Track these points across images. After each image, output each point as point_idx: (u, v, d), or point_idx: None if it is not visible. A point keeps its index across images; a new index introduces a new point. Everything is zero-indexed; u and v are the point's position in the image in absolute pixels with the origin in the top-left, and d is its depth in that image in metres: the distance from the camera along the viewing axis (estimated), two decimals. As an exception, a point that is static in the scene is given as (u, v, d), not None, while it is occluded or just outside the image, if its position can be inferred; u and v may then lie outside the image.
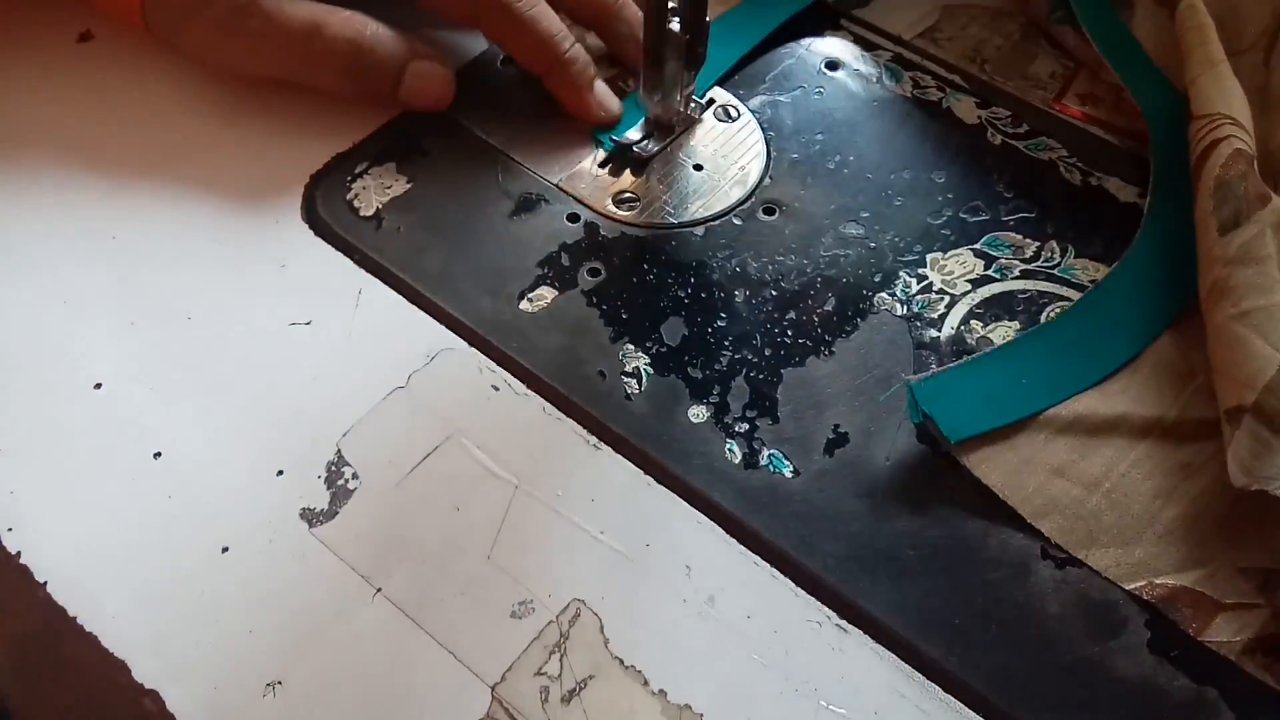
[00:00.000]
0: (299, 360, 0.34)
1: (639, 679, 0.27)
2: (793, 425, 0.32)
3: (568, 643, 0.28)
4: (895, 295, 0.36)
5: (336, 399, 0.33)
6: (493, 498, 0.31)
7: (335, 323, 0.34)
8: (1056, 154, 0.40)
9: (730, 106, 0.42)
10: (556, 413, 0.33)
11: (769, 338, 0.35)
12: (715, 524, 0.30)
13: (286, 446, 0.31)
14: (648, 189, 0.39)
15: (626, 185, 0.39)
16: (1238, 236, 0.31)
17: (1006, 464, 0.31)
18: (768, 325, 0.35)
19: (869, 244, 0.37)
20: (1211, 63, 0.36)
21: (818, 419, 0.33)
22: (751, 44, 0.42)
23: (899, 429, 0.32)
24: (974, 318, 0.36)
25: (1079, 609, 0.29)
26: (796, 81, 0.43)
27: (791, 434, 0.32)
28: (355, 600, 0.29)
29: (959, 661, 0.28)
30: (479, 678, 0.27)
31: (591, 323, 0.35)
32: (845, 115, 0.42)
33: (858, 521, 0.31)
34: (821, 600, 0.29)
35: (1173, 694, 0.28)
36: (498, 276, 0.36)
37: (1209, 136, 0.34)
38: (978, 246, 0.38)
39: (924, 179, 0.40)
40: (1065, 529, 0.30)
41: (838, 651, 0.28)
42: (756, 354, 0.34)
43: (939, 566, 0.30)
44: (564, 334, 0.35)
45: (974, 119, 0.42)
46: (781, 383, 0.34)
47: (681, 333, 0.35)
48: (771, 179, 0.39)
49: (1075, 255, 0.37)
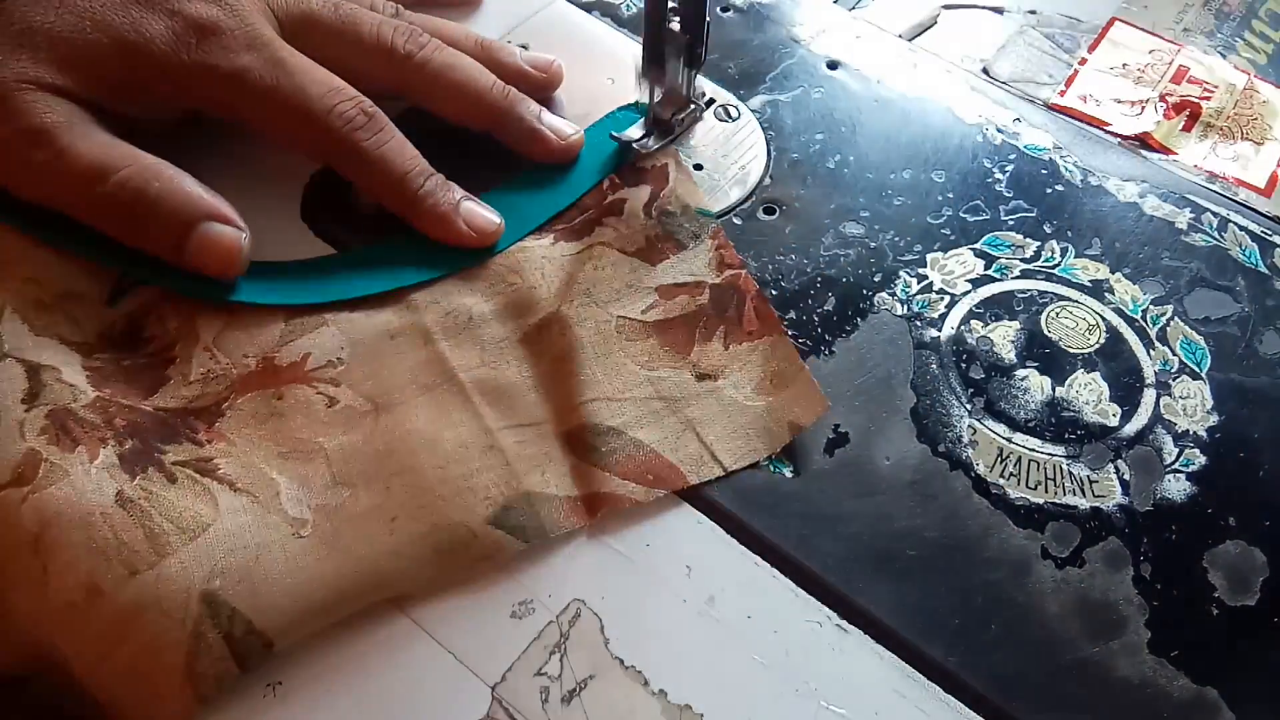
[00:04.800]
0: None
1: (639, 679, 0.27)
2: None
3: (568, 643, 0.28)
4: (895, 295, 0.36)
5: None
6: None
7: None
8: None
9: (730, 106, 0.42)
10: (556, 413, 0.33)
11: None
12: (715, 524, 0.30)
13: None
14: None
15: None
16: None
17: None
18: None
19: (869, 244, 0.37)
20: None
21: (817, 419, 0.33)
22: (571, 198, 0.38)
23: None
24: (974, 317, 0.36)
25: (1079, 609, 0.29)
26: (796, 81, 0.43)
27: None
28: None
29: (959, 661, 0.28)
30: (479, 678, 0.27)
31: (591, 323, 0.35)
32: (845, 115, 0.42)
33: (858, 521, 0.31)
34: (821, 600, 0.29)
35: (1173, 694, 0.28)
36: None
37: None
38: (978, 246, 0.38)
39: (924, 179, 0.40)
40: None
41: (838, 651, 0.28)
42: (756, 354, 0.34)
43: (939, 566, 0.30)
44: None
45: (974, 119, 0.42)
46: (781, 383, 0.34)
47: (681, 333, 0.35)
48: (771, 179, 0.39)
49: (1075, 255, 0.37)
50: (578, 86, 0.41)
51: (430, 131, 0.36)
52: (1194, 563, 0.30)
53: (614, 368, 0.33)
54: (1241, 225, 0.39)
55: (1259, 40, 0.49)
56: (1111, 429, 0.33)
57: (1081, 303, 0.36)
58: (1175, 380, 0.34)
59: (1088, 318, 0.36)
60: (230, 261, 0.33)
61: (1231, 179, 0.42)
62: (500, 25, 0.44)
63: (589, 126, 0.40)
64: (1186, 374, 0.35)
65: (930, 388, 0.34)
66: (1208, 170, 0.42)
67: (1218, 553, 0.31)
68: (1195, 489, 0.32)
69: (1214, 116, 0.45)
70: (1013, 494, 0.31)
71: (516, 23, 0.44)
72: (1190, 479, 0.32)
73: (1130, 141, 0.43)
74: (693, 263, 0.36)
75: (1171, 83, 0.46)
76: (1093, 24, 0.48)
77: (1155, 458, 0.33)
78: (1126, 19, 0.49)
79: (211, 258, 0.32)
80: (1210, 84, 0.46)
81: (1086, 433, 0.33)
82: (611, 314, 0.34)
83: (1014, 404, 0.33)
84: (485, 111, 0.37)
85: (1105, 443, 0.33)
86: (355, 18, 0.36)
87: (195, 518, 0.28)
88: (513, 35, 0.43)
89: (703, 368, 0.33)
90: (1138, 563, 0.30)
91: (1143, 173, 0.41)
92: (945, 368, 0.34)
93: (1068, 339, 0.35)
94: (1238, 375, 0.35)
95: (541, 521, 0.29)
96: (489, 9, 0.45)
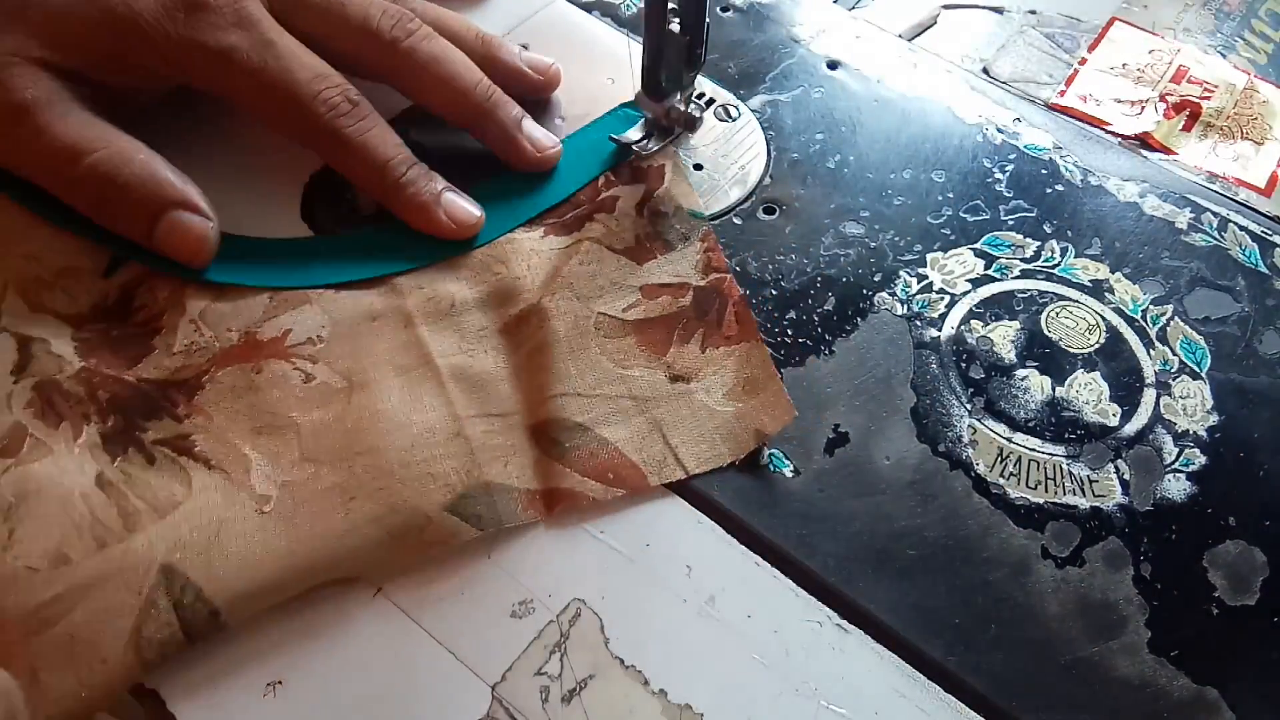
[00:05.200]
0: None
1: (639, 679, 0.27)
2: (793, 425, 0.32)
3: (568, 643, 0.28)
4: (895, 295, 0.36)
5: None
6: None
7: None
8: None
9: (730, 106, 0.42)
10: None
11: (769, 337, 0.35)
12: (715, 524, 0.30)
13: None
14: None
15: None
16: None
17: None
18: (768, 325, 0.35)
19: (869, 243, 0.37)
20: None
21: (818, 419, 0.33)
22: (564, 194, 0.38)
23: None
24: (974, 317, 0.36)
25: (1079, 609, 0.29)
26: (796, 81, 0.43)
27: (791, 434, 0.32)
28: (355, 600, 0.29)
29: (959, 661, 0.28)
30: (479, 678, 0.27)
31: (591, 322, 0.35)
32: (845, 115, 0.42)
33: (858, 521, 0.31)
34: (821, 600, 0.29)
35: (1173, 694, 0.28)
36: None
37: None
38: (978, 246, 0.38)
39: (924, 179, 0.40)
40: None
41: (838, 651, 0.28)
42: (756, 354, 0.34)
43: (939, 566, 0.30)
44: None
45: (974, 119, 0.42)
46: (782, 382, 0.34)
47: (681, 332, 0.35)
48: (771, 179, 0.39)
49: (1075, 255, 0.37)
50: (577, 86, 0.41)
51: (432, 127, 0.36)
52: (1194, 563, 0.30)
53: (588, 363, 0.33)
54: (1241, 225, 0.39)
55: (1259, 40, 0.49)
56: (1111, 429, 0.33)
57: (1081, 302, 0.36)
58: (1175, 380, 0.34)
59: (1088, 317, 0.36)
60: (196, 250, 0.33)
61: (1231, 179, 0.42)
62: (500, 24, 0.44)
63: (590, 123, 0.40)
64: (1186, 374, 0.35)
65: (930, 387, 0.34)
66: (1208, 170, 0.42)
67: (1218, 553, 0.31)
68: (1195, 489, 0.32)
69: (1214, 116, 0.45)
70: (1013, 494, 0.31)
71: (516, 22, 0.44)
72: (1190, 479, 0.32)
73: (1130, 141, 0.43)
74: (679, 263, 0.36)
75: (1171, 83, 0.46)
76: (1093, 24, 0.48)
77: (1155, 457, 0.33)
78: (1126, 19, 0.49)
79: (178, 245, 0.33)
80: (1210, 84, 0.46)
81: (1086, 432, 0.33)
82: (592, 310, 0.34)
83: (1014, 404, 0.33)
84: (466, 109, 0.37)
85: (1105, 442, 0.33)
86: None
87: (169, 497, 0.29)
88: (513, 34, 0.43)
89: (677, 369, 0.33)
90: (1138, 562, 0.30)
91: (1143, 173, 0.41)
92: (945, 367, 0.34)
93: (1068, 339, 0.35)
94: (1238, 375, 0.35)
95: (498, 511, 0.30)
96: (490, 8, 0.45)
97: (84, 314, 0.32)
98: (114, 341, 0.32)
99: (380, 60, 0.36)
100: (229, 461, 0.30)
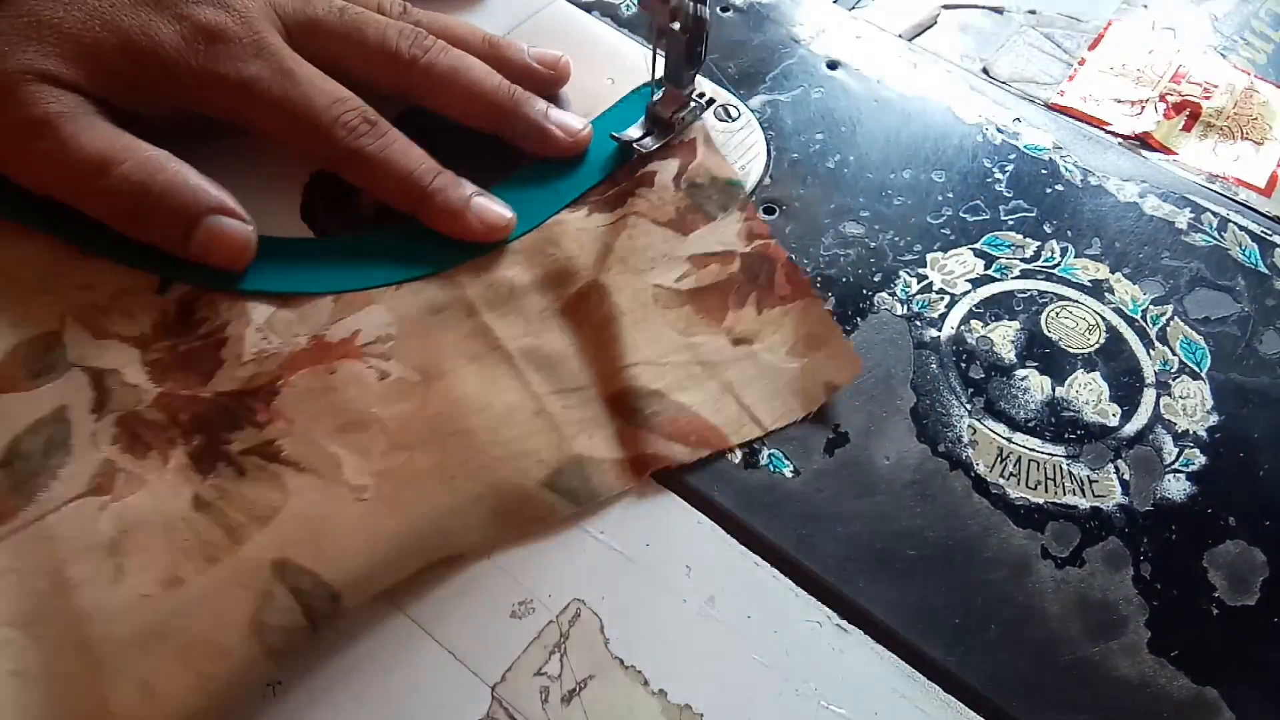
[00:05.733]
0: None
1: (639, 679, 0.27)
2: (793, 425, 0.32)
3: (568, 643, 0.28)
4: (895, 295, 0.36)
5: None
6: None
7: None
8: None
9: (730, 106, 0.42)
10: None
11: (769, 338, 0.35)
12: (715, 524, 0.30)
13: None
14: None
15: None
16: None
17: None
18: (768, 325, 0.35)
19: (869, 243, 0.37)
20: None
21: (818, 419, 0.33)
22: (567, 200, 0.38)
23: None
24: (974, 317, 0.36)
25: (1079, 609, 0.29)
26: (796, 81, 0.43)
27: (791, 434, 0.32)
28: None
29: (959, 661, 0.28)
30: (479, 678, 0.27)
31: (591, 323, 0.35)
32: (845, 115, 0.42)
33: (857, 521, 0.31)
34: (821, 600, 0.29)
35: (1172, 694, 0.28)
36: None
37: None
38: (978, 246, 0.38)
39: (924, 179, 0.40)
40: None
41: (838, 651, 0.28)
42: (756, 354, 0.34)
43: (939, 566, 0.30)
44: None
45: (974, 119, 0.42)
46: (781, 383, 0.34)
47: (681, 333, 0.35)
48: (771, 179, 0.39)
49: (1075, 255, 0.37)
50: (578, 86, 0.41)
51: (435, 129, 0.36)
52: (1194, 563, 0.30)
53: (653, 333, 0.33)
54: (1241, 225, 0.39)
55: (1259, 40, 0.49)
56: (1111, 429, 0.33)
57: (1081, 303, 0.36)
58: (1175, 380, 0.34)
59: (1088, 317, 0.36)
60: (238, 255, 0.33)
61: (1231, 179, 0.42)
62: (501, 25, 0.44)
63: (608, 109, 0.40)
64: (1186, 374, 0.35)
65: (930, 387, 0.34)
66: (1208, 170, 0.42)
67: (1217, 552, 0.31)
68: (1195, 489, 0.32)
69: (1214, 116, 0.45)
70: (1013, 494, 0.31)
71: (517, 22, 0.44)
72: (1190, 479, 0.32)
73: (1130, 141, 0.43)
74: (722, 233, 0.37)
75: (1171, 83, 0.46)
76: (1093, 24, 0.48)
77: (1155, 457, 0.33)
78: (1126, 19, 0.49)
79: (220, 251, 0.33)
80: (1210, 84, 0.46)
81: (1086, 433, 0.33)
82: (647, 282, 0.35)
83: (1014, 404, 0.33)
84: (493, 113, 0.37)
85: (1105, 443, 0.33)
86: (360, 22, 0.36)
87: (267, 505, 0.29)
88: (513, 35, 0.43)
89: (737, 333, 0.34)
90: (1138, 562, 0.30)
91: (1143, 173, 0.41)
92: (945, 367, 0.34)
93: (1068, 339, 0.35)
94: (1238, 375, 0.35)
95: (593, 485, 0.30)
96: (490, 8, 0.45)
97: (147, 334, 0.32)
98: (183, 359, 0.32)
99: (400, 80, 0.37)
100: (318, 461, 0.30)
